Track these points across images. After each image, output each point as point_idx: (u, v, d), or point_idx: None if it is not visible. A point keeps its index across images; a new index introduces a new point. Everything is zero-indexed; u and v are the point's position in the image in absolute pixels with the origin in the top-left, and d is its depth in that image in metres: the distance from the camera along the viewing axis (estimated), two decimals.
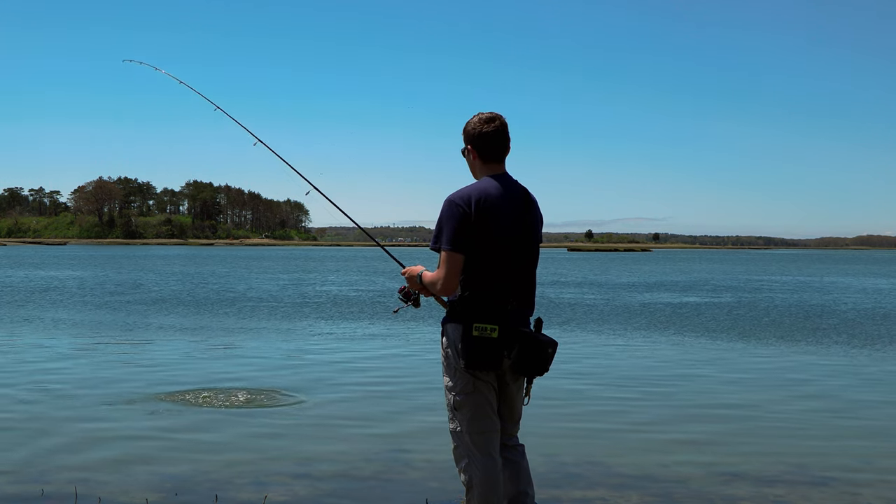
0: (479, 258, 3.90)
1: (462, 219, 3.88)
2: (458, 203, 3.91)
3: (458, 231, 3.87)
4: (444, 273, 3.91)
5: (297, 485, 5.79)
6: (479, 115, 4.08)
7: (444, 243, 3.90)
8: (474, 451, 3.96)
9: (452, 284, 3.92)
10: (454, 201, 3.93)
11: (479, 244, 3.89)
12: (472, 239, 3.88)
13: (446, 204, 3.94)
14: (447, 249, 3.88)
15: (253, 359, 11.91)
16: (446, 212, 3.93)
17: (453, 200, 3.93)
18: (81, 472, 6.02)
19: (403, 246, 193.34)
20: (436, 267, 4.01)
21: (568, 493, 5.67)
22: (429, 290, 4.08)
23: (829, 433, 7.66)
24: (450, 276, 3.90)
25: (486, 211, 3.89)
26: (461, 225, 3.87)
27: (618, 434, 7.47)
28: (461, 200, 3.92)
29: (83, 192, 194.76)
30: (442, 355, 4.07)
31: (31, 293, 25.39)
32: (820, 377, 10.93)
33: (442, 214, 3.95)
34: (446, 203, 3.95)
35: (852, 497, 5.70)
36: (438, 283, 3.94)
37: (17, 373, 10.29)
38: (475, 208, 3.89)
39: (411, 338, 14.75)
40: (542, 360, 3.91)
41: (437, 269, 3.96)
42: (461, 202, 3.91)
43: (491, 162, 4.07)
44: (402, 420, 7.93)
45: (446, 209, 3.93)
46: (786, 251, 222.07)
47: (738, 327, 17.44)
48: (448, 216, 3.92)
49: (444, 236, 3.91)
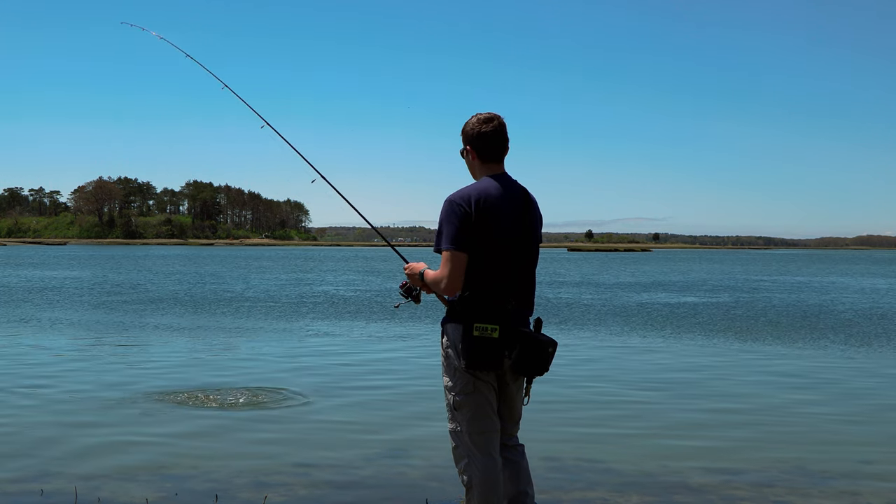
0: (480, 258, 3.90)
1: (463, 218, 3.87)
2: (458, 203, 3.91)
3: (460, 230, 3.87)
4: (447, 272, 3.89)
5: (297, 485, 5.79)
6: (477, 116, 4.09)
7: (446, 243, 3.89)
8: (474, 451, 3.96)
9: (456, 284, 3.90)
10: (454, 201, 3.92)
11: (480, 244, 3.89)
12: (473, 238, 3.88)
13: (446, 204, 3.94)
14: (450, 249, 3.87)
15: (253, 359, 11.91)
16: (447, 212, 3.93)
17: (454, 200, 3.93)
18: (81, 472, 6.02)
19: (403, 246, 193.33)
20: (438, 266, 4.01)
21: (568, 494, 5.67)
22: (431, 288, 4.07)
23: (829, 433, 7.65)
24: (454, 275, 3.89)
25: (486, 211, 3.89)
26: (463, 224, 3.87)
27: (618, 434, 7.47)
28: (461, 200, 3.91)
29: (83, 192, 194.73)
30: (442, 355, 4.07)
31: (29, 293, 25.37)
32: (820, 377, 10.93)
33: (442, 215, 3.94)
34: (446, 203, 3.94)
35: (852, 497, 5.70)
36: (442, 282, 3.92)
37: (16, 373, 10.29)
38: (475, 208, 3.88)
39: (411, 338, 14.75)
40: (543, 359, 3.91)
41: (440, 267, 3.94)
42: (462, 202, 3.91)
43: (490, 162, 4.07)
44: (402, 420, 7.93)
45: (447, 209, 3.93)
46: (786, 251, 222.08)
47: (736, 327, 17.44)
48: (449, 216, 3.91)
49: (445, 236, 3.90)
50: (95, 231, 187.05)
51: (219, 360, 11.82)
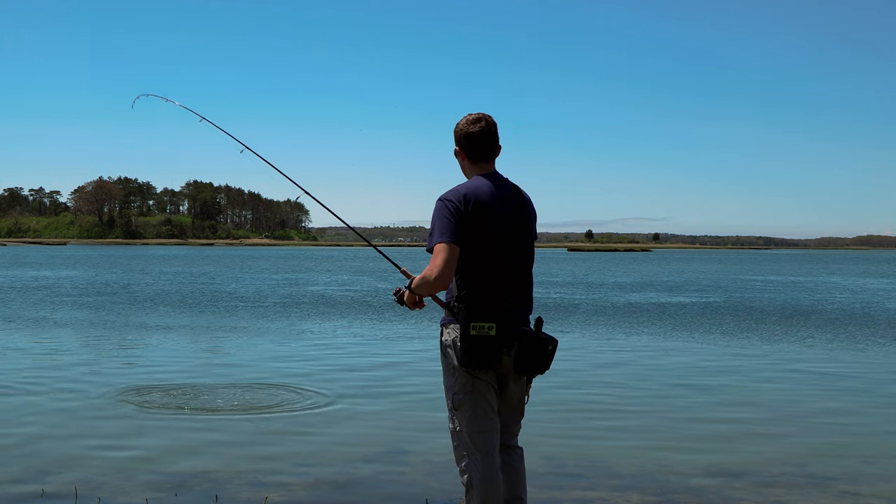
0: (474, 256, 3.88)
1: (455, 214, 3.86)
2: (450, 199, 3.90)
3: (452, 224, 3.84)
4: (438, 262, 3.79)
5: (297, 485, 5.79)
6: (466, 117, 4.10)
7: (437, 236, 3.84)
8: (474, 450, 3.96)
9: (447, 274, 3.80)
10: (446, 198, 3.92)
11: (473, 241, 3.87)
12: (466, 234, 3.85)
13: (438, 203, 3.93)
14: (442, 240, 3.81)
15: (252, 358, 11.90)
16: (439, 209, 3.91)
17: (445, 198, 3.93)
18: (81, 472, 6.02)
19: (403, 246, 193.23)
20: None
21: (568, 494, 5.67)
22: (422, 292, 3.90)
23: (829, 433, 7.65)
24: (445, 266, 3.78)
25: (478, 207, 3.89)
26: (454, 219, 3.85)
27: (618, 434, 7.47)
28: (453, 197, 3.91)
29: (83, 192, 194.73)
30: (441, 355, 4.07)
31: (26, 292, 25.37)
32: (820, 377, 10.92)
33: (434, 214, 3.93)
34: (438, 202, 3.93)
35: (852, 497, 5.70)
36: (432, 274, 3.80)
37: (16, 373, 10.29)
38: (467, 205, 3.88)
39: (410, 337, 14.75)
40: (543, 358, 3.91)
41: (430, 261, 3.85)
42: (453, 198, 3.90)
43: (479, 161, 4.08)
44: (401, 420, 7.93)
45: (439, 207, 3.92)
46: (786, 251, 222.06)
47: (734, 326, 17.44)
48: (440, 213, 3.89)
49: (437, 230, 3.86)
50: (95, 231, 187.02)
51: (220, 359, 11.82)
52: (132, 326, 16.12)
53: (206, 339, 14.36)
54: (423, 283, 3.87)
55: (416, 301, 4.01)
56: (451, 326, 3.97)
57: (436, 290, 3.88)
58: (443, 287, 3.88)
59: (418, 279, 3.90)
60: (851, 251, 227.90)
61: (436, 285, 3.84)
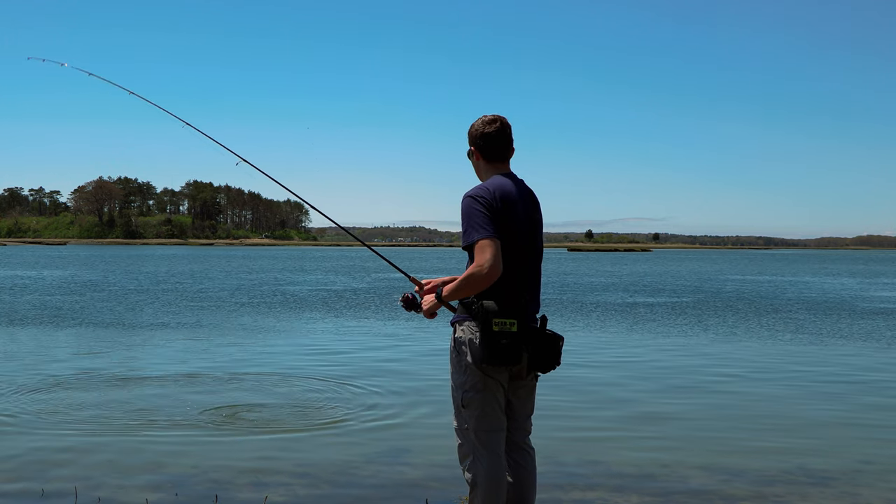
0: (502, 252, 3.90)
1: (490, 208, 3.87)
2: (482, 196, 3.90)
3: (490, 219, 3.84)
4: (489, 256, 3.77)
5: (297, 485, 5.79)
6: (482, 118, 4.15)
7: (480, 231, 3.82)
8: (480, 449, 3.95)
9: (498, 267, 3.78)
10: (478, 195, 3.91)
11: (501, 238, 3.88)
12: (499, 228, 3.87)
13: (469, 200, 3.91)
14: (486, 236, 3.80)
15: (252, 358, 11.90)
16: (472, 206, 3.89)
17: (477, 194, 3.92)
18: (81, 472, 6.01)
19: (403, 246, 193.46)
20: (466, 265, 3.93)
21: (568, 494, 5.67)
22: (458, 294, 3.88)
23: (829, 433, 7.65)
24: (495, 259, 3.77)
25: (506, 205, 3.92)
26: (492, 213, 3.86)
27: (618, 434, 7.47)
28: (485, 193, 3.91)
29: (83, 192, 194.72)
30: (452, 352, 4.04)
31: (22, 292, 25.37)
32: (820, 376, 10.92)
33: (467, 211, 3.89)
34: (468, 199, 3.91)
35: (852, 497, 5.70)
36: (483, 269, 3.76)
37: (14, 372, 10.29)
38: (497, 202, 3.90)
39: (410, 336, 14.75)
40: (555, 354, 3.93)
41: (477, 257, 3.81)
42: (485, 195, 3.91)
43: (495, 161, 4.11)
44: (402, 420, 7.93)
45: (471, 204, 3.89)
46: (786, 251, 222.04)
47: (734, 326, 17.43)
48: (474, 209, 3.88)
49: (477, 226, 3.84)
50: (95, 231, 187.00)
51: (219, 359, 11.81)
52: (136, 326, 16.10)
53: (212, 338, 14.34)
54: (470, 280, 3.82)
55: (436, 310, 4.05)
56: (465, 324, 3.95)
57: (487, 285, 3.82)
58: (494, 279, 3.81)
59: (464, 276, 3.86)
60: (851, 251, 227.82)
61: (489, 280, 3.79)
